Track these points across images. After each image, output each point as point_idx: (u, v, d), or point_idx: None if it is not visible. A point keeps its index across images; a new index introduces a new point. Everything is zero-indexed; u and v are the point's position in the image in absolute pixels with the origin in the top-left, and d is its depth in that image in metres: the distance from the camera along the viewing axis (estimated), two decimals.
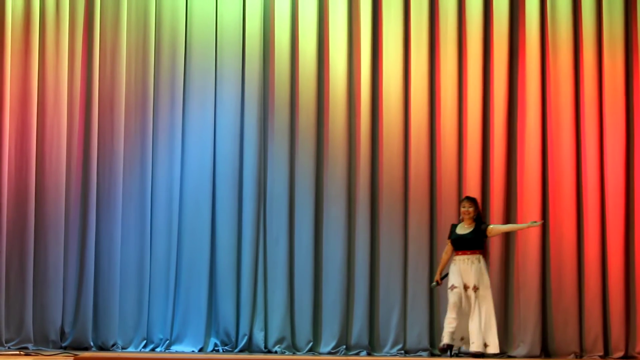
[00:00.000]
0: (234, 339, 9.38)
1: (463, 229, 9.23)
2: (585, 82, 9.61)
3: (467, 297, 9.02)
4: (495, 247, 9.52)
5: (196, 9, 9.64)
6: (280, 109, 9.60)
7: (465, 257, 9.12)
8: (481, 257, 9.16)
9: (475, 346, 8.95)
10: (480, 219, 9.21)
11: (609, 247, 9.47)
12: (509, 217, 9.56)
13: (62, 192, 9.33)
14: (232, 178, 9.53)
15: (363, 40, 9.65)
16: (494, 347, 9.01)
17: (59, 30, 9.44)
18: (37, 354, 8.78)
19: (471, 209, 9.25)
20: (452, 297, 9.04)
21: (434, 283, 9.29)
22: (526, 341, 9.41)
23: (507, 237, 9.55)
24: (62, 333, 9.25)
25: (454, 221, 9.56)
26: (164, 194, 9.48)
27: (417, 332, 9.44)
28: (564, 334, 9.43)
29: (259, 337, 9.37)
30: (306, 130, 9.57)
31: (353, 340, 9.36)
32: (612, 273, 9.45)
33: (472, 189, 9.54)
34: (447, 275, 9.16)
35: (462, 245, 9.11)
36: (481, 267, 9.14)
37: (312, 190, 9.57)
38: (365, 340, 9.38)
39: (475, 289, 9.05)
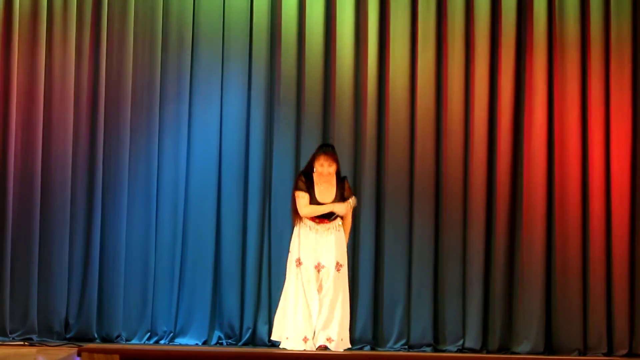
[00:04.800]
0: (238, 332, 9.38)
1: (324, 195, 7.78)
2: (593, 81, 9.61)
3: (323, 276, 7.73)
4: (499, 243, 9.51)
5: (204, 2, 9.63)
6: (286, 103, 9.59)
7: (326, 225, 7.73)
8: (341, 224, 7.88)
9: (339, 343, 7.87)
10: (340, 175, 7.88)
11: (614, 244, 9.48)
12: (514, 214, 9.55)
13: (67, 184, 9.33)
14: (237, 171, 9.52)
15: (370, 34, 9.63)
16: (346, 342, 7.99)
17: (67, 23, 9.40)
18: (41, 345, 8.79)
19: (331, 169, 7.68)
20: (301, 278, 7.69)
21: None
22: (530, 337, 9.41)
23: (512, 233, 9.53)
24: (67, 324, 9.25)
25: (459, 218, 9.51)
26: (169, 187, 9.47)
27: (421, 327, 9.44)
28: (568, 330, 9.42)
29: (263, 330, 9.37)
30: (312, 124, 9.56)
31: (357, 334, 9.32)
32: (616, 270, 9.46)
33: (478, 185, 9.54)
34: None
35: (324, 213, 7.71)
36: (343, 238, 7.79)
37: None
38: (369, 335, 9.37)
39: (339, 266, 7.74)
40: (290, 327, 8.16)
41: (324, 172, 7.77)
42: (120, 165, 9.42)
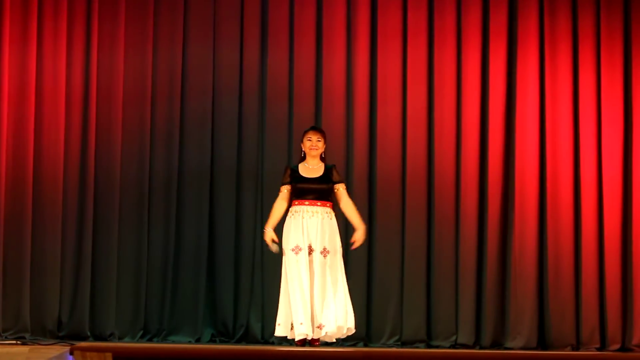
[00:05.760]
0: (231, 330, 9.38)
1: (309, 171, 7.72)
2: (584, 75, 9.62)
3: (311, 263, 7.61)
4: (492, 237, 9.51)
5: None
6: (277, 99, 9.58)
7: (314, 208, 7.56)
8: (332, 211, 7.70)
9: (331, 330, 7.72)
10: (325, 161, 7.83)
11: (606, 239, 9.49)
12: (506, 209, 9.55)
13: (59, 181, 9.31)
14: (230, 167, 9.52)
15: (361, 30, 9.62)
16: (351, 327, 7.83)
17: (58, 19, 9.39)
18: (34, 344, 8.77)
19: (320, 143, 7.67)
20: (294, 265, 7.51)
21: (275, 246, 7.52)
22: (523, 333, 9.41)
23: (504, 229, 9.53)
24: (59, 323, 9.23)
25: (451, 213, 9.51)
26: (162, 183, 9.46)
27: (414, 324, 9.43)
28: (561, 326, 9.43)
29: (256, 327, 9.37)
30: (303, 124, 9.53)
31: None
32: (609, 265, 9.47)
33: (470, 180, 9.55)
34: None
35: (310, 192, 7.64)
36: (333, 225, 7.66)
37: None
38: (362, 332, 9.34)
39: (326, 252, 7.58)
40: (285, 314, 8.07)
41: (313, 145, 7.71)
42: (112, 163, 9.40)
